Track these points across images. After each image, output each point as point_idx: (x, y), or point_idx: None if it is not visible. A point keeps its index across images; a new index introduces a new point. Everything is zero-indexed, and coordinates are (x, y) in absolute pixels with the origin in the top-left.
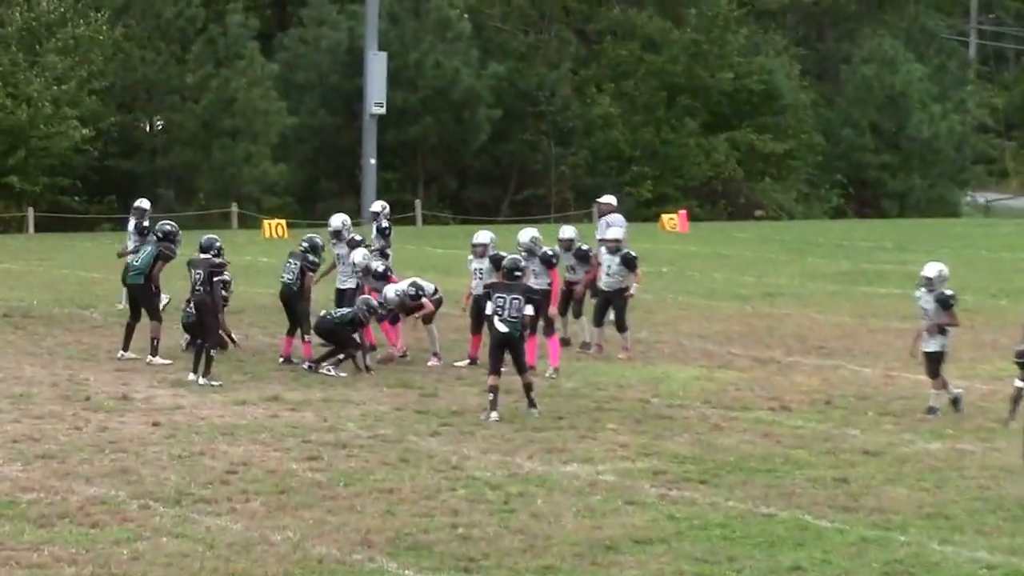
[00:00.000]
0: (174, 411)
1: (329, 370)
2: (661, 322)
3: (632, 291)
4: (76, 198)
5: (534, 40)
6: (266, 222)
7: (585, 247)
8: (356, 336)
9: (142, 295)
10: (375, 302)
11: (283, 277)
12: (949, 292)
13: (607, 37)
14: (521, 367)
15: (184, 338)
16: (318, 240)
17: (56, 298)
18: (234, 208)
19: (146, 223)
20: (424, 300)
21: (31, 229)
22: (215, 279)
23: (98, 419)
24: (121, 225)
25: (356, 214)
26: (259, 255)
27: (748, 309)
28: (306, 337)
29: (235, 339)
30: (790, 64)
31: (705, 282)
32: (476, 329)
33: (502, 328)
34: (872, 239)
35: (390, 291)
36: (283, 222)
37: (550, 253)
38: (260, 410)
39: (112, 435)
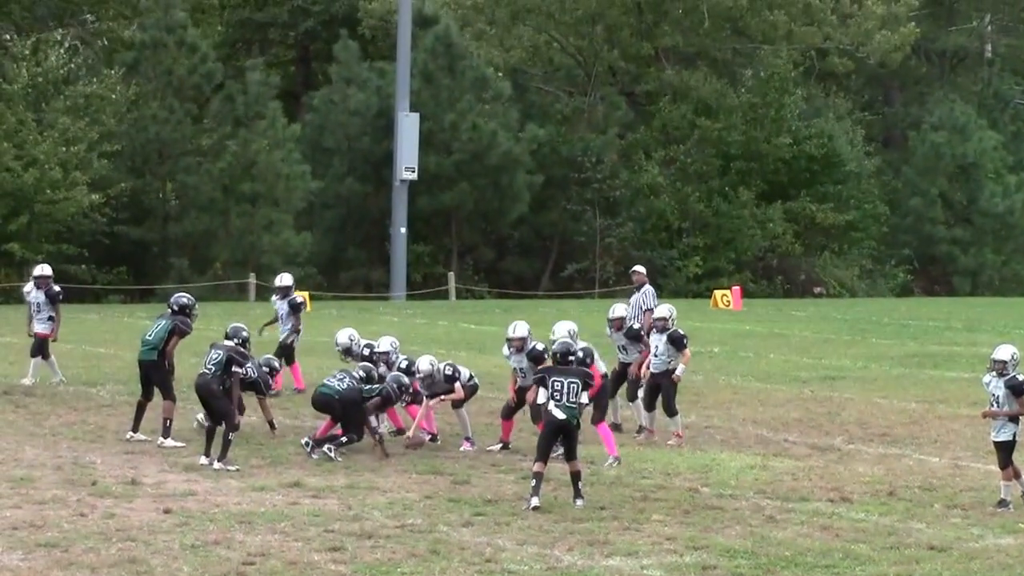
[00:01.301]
0: (187, 497)
1: (330, 451)
2: (712, 406)
3: (679, 373)
4: (83, 267)
5: (579, 103)
6: None
7: (637, 326)
8: (372, 419)
9: (154, 371)
10: (407, 380)
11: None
12: (1022, 377)
13: (659, 100)
14: (572, 454)
15: (196, 418)
16: (374, 372)
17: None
18: (252, 279)
19: (56, 289)
20: (457, 385)
21: None
22: (234, 368)
23: (105, 505)
24: (131, 297)
25: (385, 287)
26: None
27: (806, 393)
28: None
29: (274, 424)
30: (853, 129)
31: (760, 363)
32: (509, 415)
33: (559, 415)
34: (940, 319)
35: (424, 362)
36: (306, 295)
37: (540, 348)
38: (280, 497)
39: (120, 523)
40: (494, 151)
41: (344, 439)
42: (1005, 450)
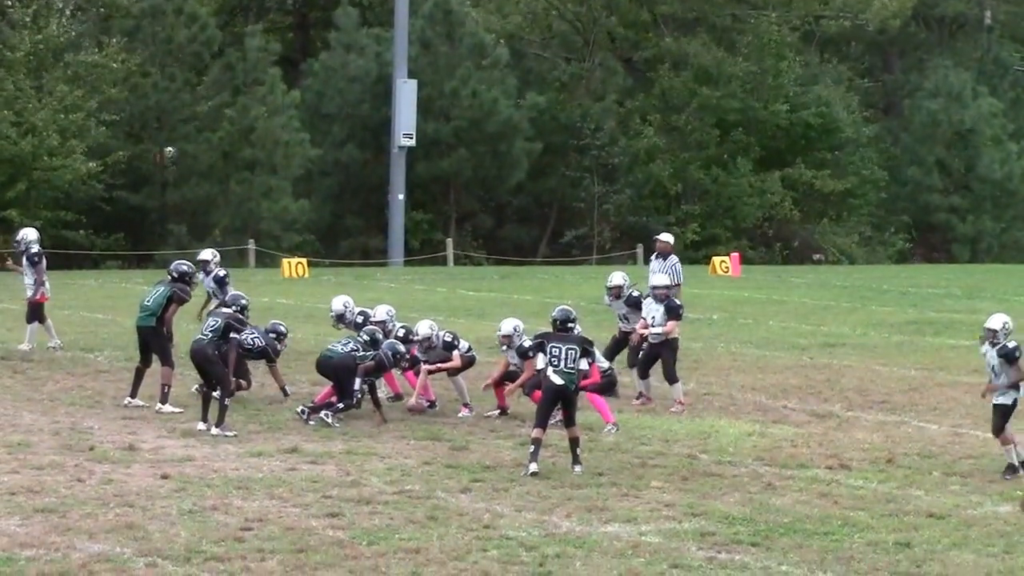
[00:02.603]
0: (184, 463)
1: (327, 416)
2: (711, 373)
3: (653, 331)
4: (81, 233)
5: (577, 69)
6: (286, 261)
7: (636, 293)
8: (366, 384)
9: (152, 338)
10: (403, 348)
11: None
12: (1012, 344)
13: (657, 66)
14: (571, 420)
15: (196, 385)
16: (379, 335)
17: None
18: (251, 245)
19: (34, 249)
20: (455, 353)
21: None
22: (231, 335)
23: (102, 470)
24: (129, 263)
25: (383, 254)
26: (277, 296)
27: (805, 360)
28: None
29: (287, 391)
30: (848, 96)
31: (759, 330)
32: (498, 384)
33: (557, 380)
34: (940, 286)
35: (424, 326)
36: (304, 261)
37: (527, 345)
38: (277, 462)
39: (117, 488)
40: (493, 118)
41: (341, 405)
42: (1002, 414)
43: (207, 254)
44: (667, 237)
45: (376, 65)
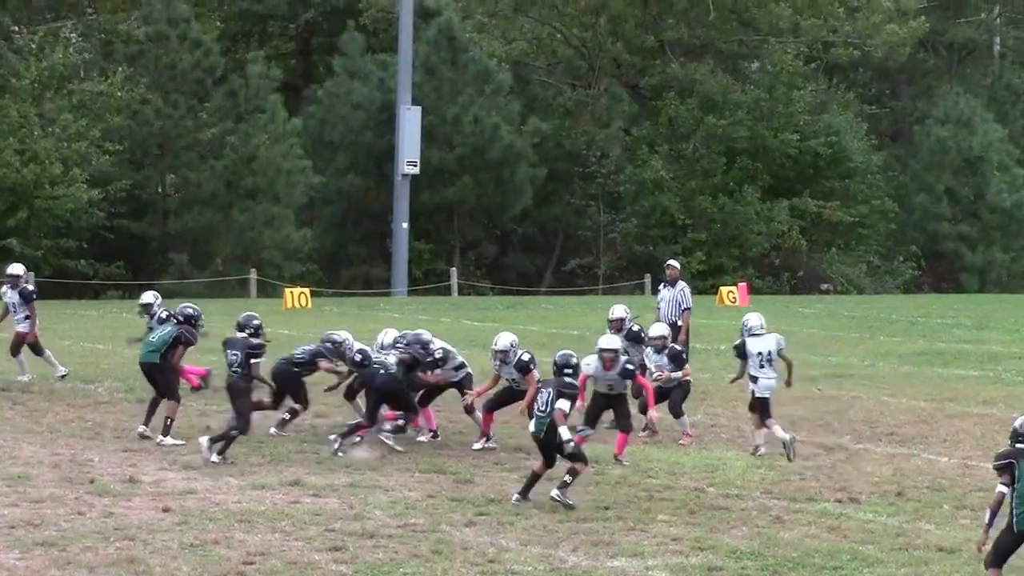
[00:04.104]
0: (186, 495)
1: (388, 437)
2: (718, 404)
3: (676, 376)
4: (82, 261)
5: (582, 95)
6: (288, 291)
7: (637, 327)
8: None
9: (157, 373)
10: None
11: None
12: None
13: (663, 93)
14: (569, 456)
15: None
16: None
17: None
18: (253, 275)
19: (30, 287)
20: (429, 375)
21: None
22: (252, 360)
23: (103, 503)
24: (130, 293)
25: (386, 283)
26: (280, 327)
27: (813, 391)
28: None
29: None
30: (856, 123)
31: None
32: (492, 407)
33: (530, 427)
34: (949, 316)
35: (505, 338)
36: (307, 291)
37: (526, 359)
38: (280, 495)
39: (118, 521)
40: (496, 145)
41: (400, 422)
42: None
43: (17, 268)
44: (676, 263)
45: (380, 92)
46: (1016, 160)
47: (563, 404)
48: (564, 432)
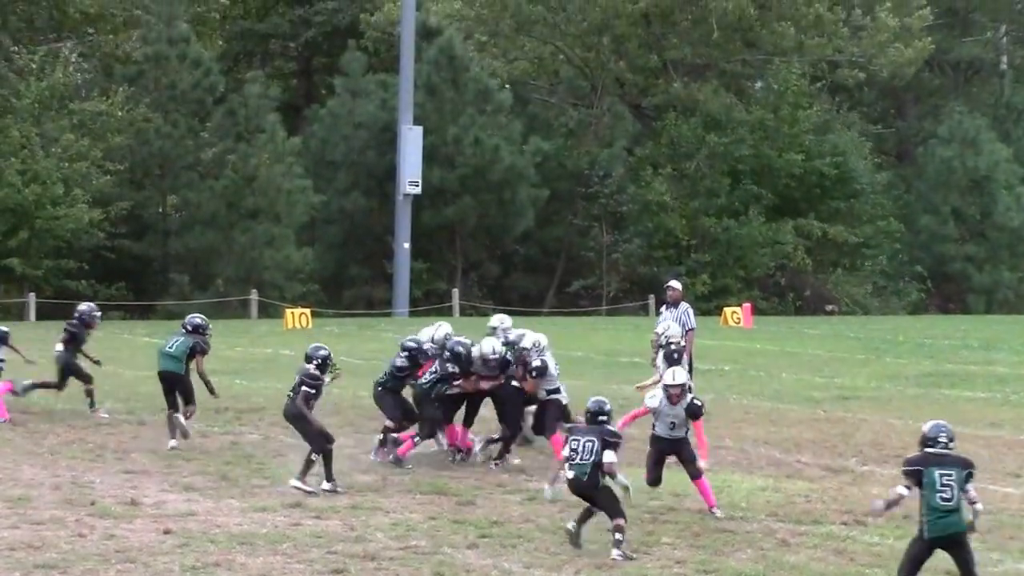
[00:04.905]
0: (187, 518)
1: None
2: (723, 426)
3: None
4: (83, 282)
5: (584, 115)
6: (289, 311)
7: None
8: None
9: (177, 381)
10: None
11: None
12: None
13: (666, 113)
14: (608, 513)
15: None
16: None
17: (59, 393)
18: (254, 295)
19: (3, 329)
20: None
21: (32, 316)
22: (303, 389)
23: (104, 526)
24: (132, 313)
25: (387, 304)
26: (281, 347)
27: (819, 413)
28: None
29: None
30: (861, 143)
31: (771, 383)
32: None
33: (568, 473)
34: (956, 337)
35: (487, 345)
36: (307, 311)
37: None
38: (281, 517)
39: (119, 544)
40: (497, 165)
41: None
42: None
43: None
44: (677, 284)
45: (382, 111)
46: (1022, 179)
47: (611, 456)
48: (623, 479)
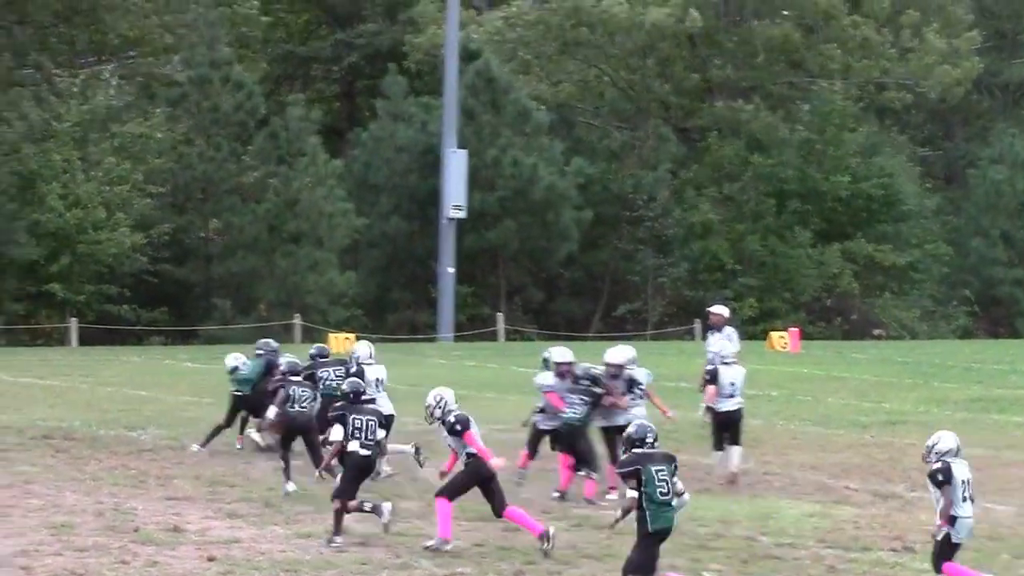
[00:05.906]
0: (231, 544)
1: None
2: (770, 451)
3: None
4: (125, 307)
5: (628, 137)
6: (332, 336)
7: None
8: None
9: (245, 406)
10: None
11: (568, 413)
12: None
13: (710, 135)
14: None
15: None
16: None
17: (101, 418)
18: (297, 320)
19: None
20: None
21: (74, 342)
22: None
23: (147, 553)
24: (173, 339)
25: (432, 328)
26: None
27: (867, 438)
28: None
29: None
30: (909, 166)
31: (819, 408)
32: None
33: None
34: (1005, 362)
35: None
36: (351, 336)
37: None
38: (325, 545)
39: (162, 571)
40: (537, 187)
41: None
42: None
43: None
44: (719, 309)
45: (423, 135)
46: None
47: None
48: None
